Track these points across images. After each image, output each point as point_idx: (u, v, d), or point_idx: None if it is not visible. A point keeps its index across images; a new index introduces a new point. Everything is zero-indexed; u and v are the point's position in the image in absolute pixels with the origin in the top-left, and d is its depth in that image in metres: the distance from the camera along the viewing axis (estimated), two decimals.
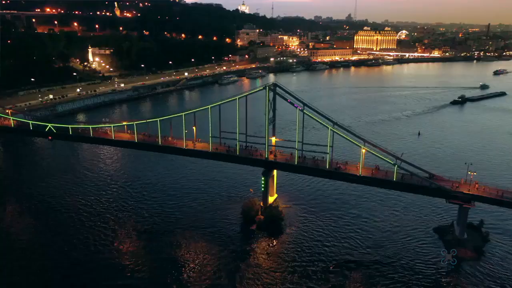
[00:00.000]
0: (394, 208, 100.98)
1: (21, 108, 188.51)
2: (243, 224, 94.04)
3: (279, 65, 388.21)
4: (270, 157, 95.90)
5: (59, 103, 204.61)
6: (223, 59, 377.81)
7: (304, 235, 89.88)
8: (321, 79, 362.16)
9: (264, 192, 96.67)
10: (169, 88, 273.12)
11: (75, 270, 77.96)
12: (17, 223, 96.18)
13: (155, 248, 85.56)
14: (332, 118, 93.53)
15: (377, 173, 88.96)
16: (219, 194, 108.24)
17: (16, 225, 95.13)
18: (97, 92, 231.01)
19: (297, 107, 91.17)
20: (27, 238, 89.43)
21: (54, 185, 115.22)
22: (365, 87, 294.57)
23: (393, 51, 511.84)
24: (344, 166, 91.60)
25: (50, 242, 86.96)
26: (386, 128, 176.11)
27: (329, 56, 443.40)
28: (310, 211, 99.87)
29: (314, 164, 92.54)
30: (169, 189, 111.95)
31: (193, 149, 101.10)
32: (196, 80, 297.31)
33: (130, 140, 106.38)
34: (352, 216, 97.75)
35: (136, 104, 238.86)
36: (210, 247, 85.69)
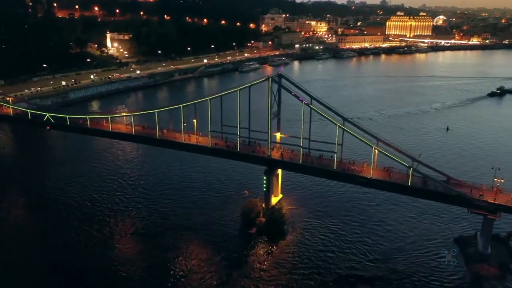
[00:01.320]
0: (409, 214, 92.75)
1: (32, 94, 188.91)
2: (243, 226, 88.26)
3: (304, 52, 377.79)
4: (274, 154, 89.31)
5: (71, 90, 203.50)
6: (245, 46, 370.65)
7: (307, 242, 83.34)
8: (348, 67, 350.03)
9: (266, 192, 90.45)
10: (186, 76, 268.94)
11: (68, 267, 75.67)
12: (17, 215, 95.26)
13: (145, 250, 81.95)
14: (342, 114, 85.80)
15: (390, 176, 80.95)
16: (221, 193, 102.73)
17: (15, 217, 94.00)
18: (111, 78, 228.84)
19: (303, 101, 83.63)
20: (26, 230, 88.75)
21: (56, 175, 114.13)
22: (394, 76, 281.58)
23: (427, 38, 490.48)
24: (353, 167, 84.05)
25: (49, 234, 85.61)
26: (411, 122, 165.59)
27: (358, 42, 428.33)
28: (317, 214, 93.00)
29: (320, 164, 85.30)
30: (168, 184, 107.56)
31: (191, 144, 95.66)
32: (216, 67, 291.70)
33: (127, 132, 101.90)
34: (362, 221, 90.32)
35: (152, 92, 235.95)
36: (203, 251, 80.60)
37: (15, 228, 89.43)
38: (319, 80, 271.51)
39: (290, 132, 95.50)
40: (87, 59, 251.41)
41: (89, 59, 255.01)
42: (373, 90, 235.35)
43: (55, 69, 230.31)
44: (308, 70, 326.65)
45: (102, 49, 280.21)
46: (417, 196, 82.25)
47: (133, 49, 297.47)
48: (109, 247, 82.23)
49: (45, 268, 75.95)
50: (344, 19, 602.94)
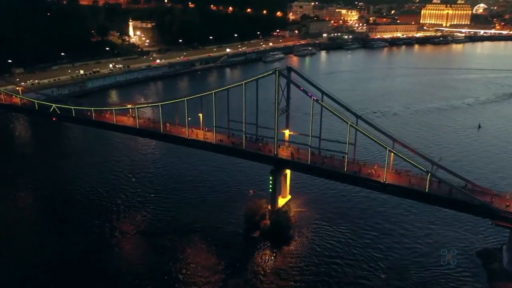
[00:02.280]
0: (427, 220, 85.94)
1: (49, 83, 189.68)
2: (246, 229, 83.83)
3: (332, 41, 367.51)
4: (281, 153, 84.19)
5: (88, 79, 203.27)
6: (271, 35, 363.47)
7: (313, 248, 78.31)
8: (377, 58, 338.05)
9: (272, 193, 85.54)
10: (208, 65, 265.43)
11: (68, 264, 74.68)
12: (27, 206, 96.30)
13: (142, 250, 79.63)
14: (356, 111, 79.47)
15: (411, 181, 74.32)
16: (227, 191, 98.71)
17: (18, 209, 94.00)
18: (130, 68, 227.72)
19: (312, 96, 77.89)
20: (27, 222, 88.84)
21: (63, 167, 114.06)
22: (426, 68, 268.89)
23: (465, 27, 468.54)
24: (366, 169, 77.94)
25: (50, 229, 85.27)
26: (440, 118, 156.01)
27: (390, 32, 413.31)
28: (326, 217, 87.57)
29: (330, 165, 79.60)
30: (174, 179, 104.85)
31: (195, 140, 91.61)
32: (238, 57, 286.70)
33: (130, 126, 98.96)
34: (375, 227, 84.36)
35: (172, 82, 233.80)
36: (201, 255, 76.90)
37: (17, 221, 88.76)
38: (345, 71, 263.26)
39: (300, 130, 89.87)
40: (111, 48, 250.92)
41: (110, 47, 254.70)
42: (401, 83, 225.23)
43: (76, 58, 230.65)
44: (335, 61, 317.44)
45: (124, 37, 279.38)
46: (434, 204, 75.45)
47: (155, 37, 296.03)
48: (108, 244, 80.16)
49: (44, 263, 74.87)
50: (376, 7, 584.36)
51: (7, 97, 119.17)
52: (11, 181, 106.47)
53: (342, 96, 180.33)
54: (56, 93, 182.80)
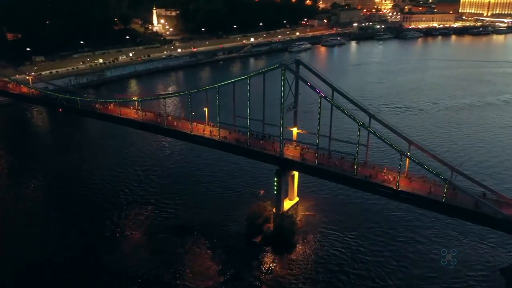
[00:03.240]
0: (445, 231, 79.33)
1: (68, 72, 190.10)
2: (248, 233, 79.44)
3: (363, 31, 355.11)
4: (288, 153, 79.05)
5: (107, 68, 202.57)
6: (299, 24, 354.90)
7: (317, 257, 73.54)
8: (410, 49, 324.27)
9: (277, 195, 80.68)
10: (231, 55, 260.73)
11: (68, 260, 73.79)
12: (32, 197, 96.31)
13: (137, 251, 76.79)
14: (369, 110, 73.09)
15: (431, 189, 67.87)
16: (233, 190, 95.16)
17: (30, 198, 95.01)
18: (151, 57, 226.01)
19: (319, 93, 72.16)
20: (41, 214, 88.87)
21: (73, 159, 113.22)
22: (462, 60, 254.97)
23: (508, 17, 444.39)
24: (379, 174, 71.87)
25: (51, 224, 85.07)
26: (472, 116, 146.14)
27: (425, 22, 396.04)
28: (335, 223, 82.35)
29: (338, 168, 73.93)
30: (179, 176, 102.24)
31: (198, 136, 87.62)
32: (263, 46, 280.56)
33: (134, 119, 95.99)
34: (387, 236, 78.62)
35: (193, 72, 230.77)
36: (197, 261, 73.60)
37: (21, 212, 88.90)
38: (374, 63, 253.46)
39: (309, 128, 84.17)
40: (131, 36, 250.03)
41: (133, 36, 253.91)
42: (433, 76, 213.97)
43: (98, 46, 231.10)
44: (365, 52, 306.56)
45: (147, 25, 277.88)
46: (452, 216, 68.89)
47: (179, 26, 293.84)
48: (107, 241, 78.87)
49: (43, 256, 74.72)
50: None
51: (16, 87, 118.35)
52: (19, 171, 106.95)
53: (367, 89, 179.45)
54: (74, 82, 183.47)
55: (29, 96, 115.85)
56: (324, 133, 77.56)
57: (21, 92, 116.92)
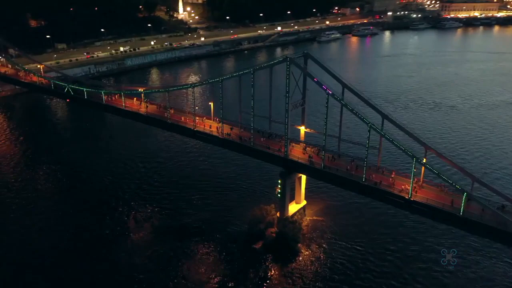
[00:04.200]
0: (465, 243, 71.97)
1: (88, 60, 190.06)
2: (248, 238, 74.83)
3: (397, 20, 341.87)
4: (295, 153, 73.93)
5: (128, 56, 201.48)
6: (330, 12, 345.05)
7: (322, 268, 68.32)
8: (448, 40, 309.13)
9: (281, 199, 75.92)
10: (256, 44, 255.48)
11: (68, 255, 72.26)
12: (43, 186, 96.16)
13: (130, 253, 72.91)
14: (382, 109, 66.85)
15: (439, 198, 61.74)
16: (239, 190, 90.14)
17: (41, 187, 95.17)
18: (173, 46, 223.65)
19: (326, 89, 66.40)
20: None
21: (83, 149, 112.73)
22: (503, 53, 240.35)
23: None
24: (391, 180, 65.85)
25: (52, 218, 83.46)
26: (507, 115, 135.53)
27: (466, 11, 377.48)
28: (344, 229, 76.65)
29: (346, 173, 68.25)
30: (185, 172, 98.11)
31: (201, 132, 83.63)
32: (290, 35, 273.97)
33: (137, 112, 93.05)
34: (399, 248, 72.33)
35: (216, 61, 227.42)
36: (191, 267, 69.43)
37: (31, 200, 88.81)
38: (407, 54, 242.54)
39: (319, 127, 78.62)
40: (155, 24, 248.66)
41: (157, 23, 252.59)
42: (470, 69, 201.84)
43: (121, 34, 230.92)
44: (398, 42, 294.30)
45: (172, 13, 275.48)
46: (470, 232, 62.17)
47: (205, 14, 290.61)
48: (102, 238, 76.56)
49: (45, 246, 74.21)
50: None
51: (27, 76, 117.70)
52: (28, 159, 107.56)
53: (395, 83, 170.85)
54: (93, 70, 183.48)
55: (38, 85, 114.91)
56: (334, 133, 72.41)
57: (31, 81, 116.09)
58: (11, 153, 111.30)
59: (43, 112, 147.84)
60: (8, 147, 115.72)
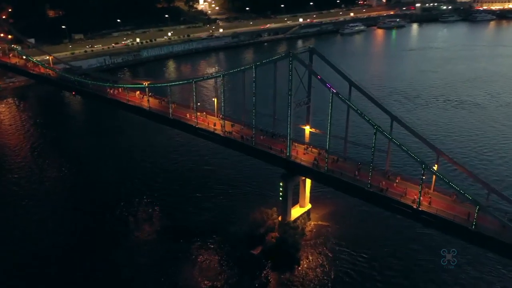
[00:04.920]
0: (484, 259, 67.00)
1: (103, 51, 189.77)
2: (247, 243, 71.55)
3: (426, 12, 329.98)
4: (299, 155, 70.18)
5: (144, 47, 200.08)
6: (355, 3, 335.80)
7: (323, 279, 64.70)
8: (479, 33, 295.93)
9: (283, 202, 72.44)
10: (276, 36, 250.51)
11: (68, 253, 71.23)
12: (50, 180, 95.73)
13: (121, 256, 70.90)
14: (391, 110, 62.32)
15: (450, 208, 57.12)
16: (244, 190, 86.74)
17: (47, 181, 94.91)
18: (190, 37, 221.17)
19: (330, 88, 62.20)
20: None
21: (92, 144, 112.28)
22: None
23: None
24: (400, 187, 61.40)
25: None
26: None
27: (499, 3, 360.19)
28: (351, 237, 72.44)
29: (351, 178, 64.07)
30: (189, 170, 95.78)
31: (202, 129, 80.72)
32: (312, 27, 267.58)
33: (141, 107, 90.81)
34: (410, 262, 67.61)
35: (235, 53, 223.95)
36: (181, 270, 67.08)
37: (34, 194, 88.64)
38: (434, 48, 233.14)
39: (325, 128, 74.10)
40: (174, 15, 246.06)
41: (176, 14, 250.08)
42: (500, 65, 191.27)
43: (139, 25, 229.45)
44: (426, 36, 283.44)
45: (191, 3, 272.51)
46: (483, 248, 57.20)
47: (225, 5, 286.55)
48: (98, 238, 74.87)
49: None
50: None
51: (35, 67, 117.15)
52: (41, 152, 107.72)
53: (418, 78, 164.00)
54: (108, 61, 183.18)
55: (45, 77, 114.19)
56: (340, 134, 68.37)
57: (39, 73, 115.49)
58: (21, 144, 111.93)
59: (55, 103, 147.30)
60: (18, 138, 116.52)
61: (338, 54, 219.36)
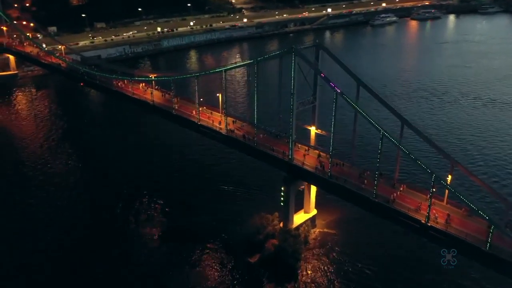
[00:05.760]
0: None
1: (123, 40, 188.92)
2: (245, 250, 67.91)
3: (464, 3, 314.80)
4: (299, 157, 65.86)
5: (165, 37, 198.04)
6: None
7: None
8: None
9: (284, 207, 68.31)
10: (303, 27, 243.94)
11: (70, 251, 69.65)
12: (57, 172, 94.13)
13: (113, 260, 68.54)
14: (402, 113, 56.97)
15: (463, 225, 51.74)
16: (243, 194, 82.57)
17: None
18: (213, 27, 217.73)
19: (334, 87, 57.28)
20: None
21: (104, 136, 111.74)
22: None
23: None
24: (409, 199, 56.28)
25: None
26: None
27: None
28: (359, 245, 67.71)
29: (356, 186, 59.24)
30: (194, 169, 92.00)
31: (204, 126, 77.32)
32: (341, 18, 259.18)
33: (146, 101, 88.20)
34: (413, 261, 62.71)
35: (259, 44, 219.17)
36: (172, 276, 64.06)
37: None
38: (469, 41, 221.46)
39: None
40: (199, 4, 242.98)
41: (201, 3, 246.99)
42: None
43: (163, 13, 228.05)
44: (463, 28, 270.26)
45: None
46: (498, 272, 51.35)
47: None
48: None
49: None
50: None
51: (47, 57, 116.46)
52: (55, 142, 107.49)
53: (448, 74, 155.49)
54: (128, 51, 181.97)
55: (55, 67, 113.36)
56: (348, 137, 63.57)
57: (50, 62, 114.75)
58: (34, 132, 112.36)
59: (72, 92, 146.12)
60: (32, 126, 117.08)
61: (367, 47, 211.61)
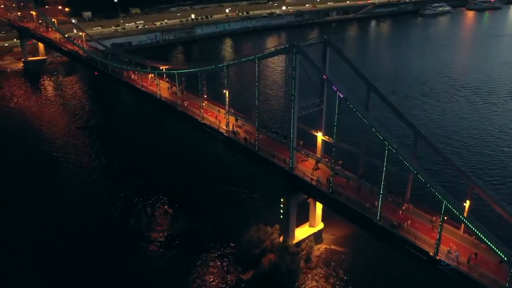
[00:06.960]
0: None
1: (156, 27, 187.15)
2: (240, 264, 62.89)
3: None
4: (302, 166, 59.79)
5: (198, 24, 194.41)
6: None
7: None
8: None
9: (284, 221, 62.49)
10: (346, 16, 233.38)
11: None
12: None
13: None
14: (416, 125, 49.42)
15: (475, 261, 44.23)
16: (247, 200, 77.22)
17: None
18: (249, 14, 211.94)
19: (337, 91, 50.47)
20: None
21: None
22: None
23: None
24: (416, 224, 49.11)
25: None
26: None
27: None
28: (365, 266, 60.83)
29: (359, 205, 52.40)
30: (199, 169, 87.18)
31: (207, 125, 72.45)
32: (388, 7, 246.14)
33: (151, 93, 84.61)
34: None
35: (298, 33, 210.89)
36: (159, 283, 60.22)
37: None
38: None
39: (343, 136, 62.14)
40: None
41: None
42: None
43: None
44: None
45: None
46: None
47: None
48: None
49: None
50: None
51: (67, 44, 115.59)
52: (75, 133, 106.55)
53: (497, 71, 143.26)
54: (159, 38, 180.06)
55: (74, 54, 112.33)
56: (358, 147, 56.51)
57: (69, 50, 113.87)
58: (57, 121, 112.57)
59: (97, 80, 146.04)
60: (55, 114, 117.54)
61: (415, 39, 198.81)
